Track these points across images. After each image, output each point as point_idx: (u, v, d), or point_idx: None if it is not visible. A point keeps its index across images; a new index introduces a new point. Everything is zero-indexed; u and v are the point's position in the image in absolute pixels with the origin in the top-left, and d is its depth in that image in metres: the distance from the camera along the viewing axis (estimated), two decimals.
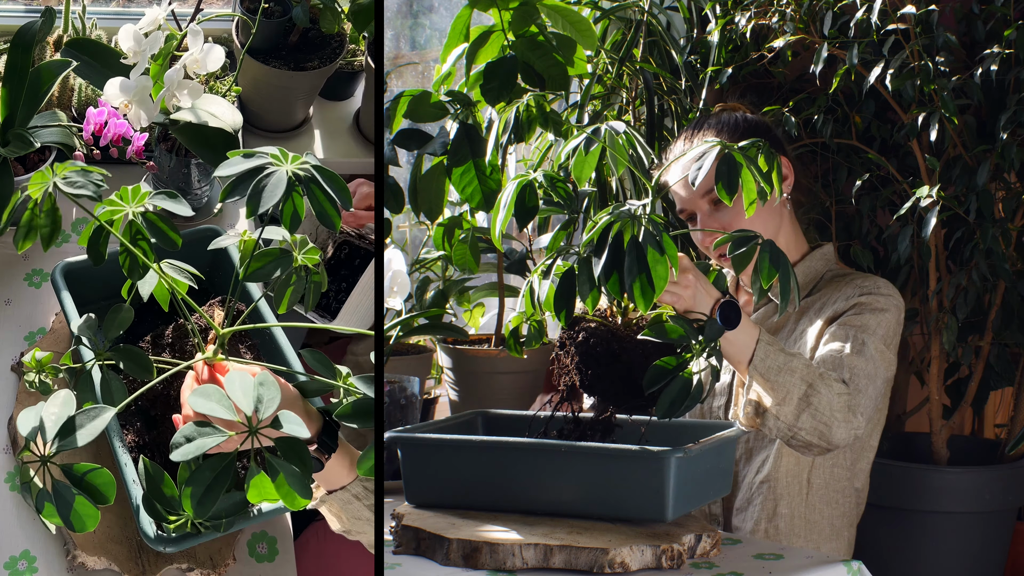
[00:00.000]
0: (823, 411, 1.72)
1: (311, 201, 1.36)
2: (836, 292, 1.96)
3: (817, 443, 1.74)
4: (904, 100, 2.34)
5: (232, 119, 1.78)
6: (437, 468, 1.69)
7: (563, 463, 1.61)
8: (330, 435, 1.50)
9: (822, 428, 1.72)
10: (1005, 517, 2.56)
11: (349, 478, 1.55)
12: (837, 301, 1.94)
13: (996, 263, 2.34)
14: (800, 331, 1.97)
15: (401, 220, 3.05)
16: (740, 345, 1.71)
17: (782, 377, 1.71)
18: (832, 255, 2.07)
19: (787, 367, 1.71)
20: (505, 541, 1.53)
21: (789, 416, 1.71)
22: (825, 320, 1.93)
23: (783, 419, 1.71)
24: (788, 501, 1.96)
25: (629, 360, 1.62)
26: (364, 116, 2.45)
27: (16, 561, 1.66)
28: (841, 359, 1.81)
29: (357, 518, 1.58)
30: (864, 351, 1.83)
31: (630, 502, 1.58)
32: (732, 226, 1.92)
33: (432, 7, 3.51)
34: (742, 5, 2.51)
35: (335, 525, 1.61)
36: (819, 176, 2.57)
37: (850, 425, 1.74)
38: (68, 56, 1.91)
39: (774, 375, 1.71)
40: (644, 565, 1.53)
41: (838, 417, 1.73)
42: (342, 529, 1.61)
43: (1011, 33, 2.33)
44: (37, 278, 2.01)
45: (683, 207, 2.00)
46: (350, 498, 1.57)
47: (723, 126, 2.00)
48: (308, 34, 2.28)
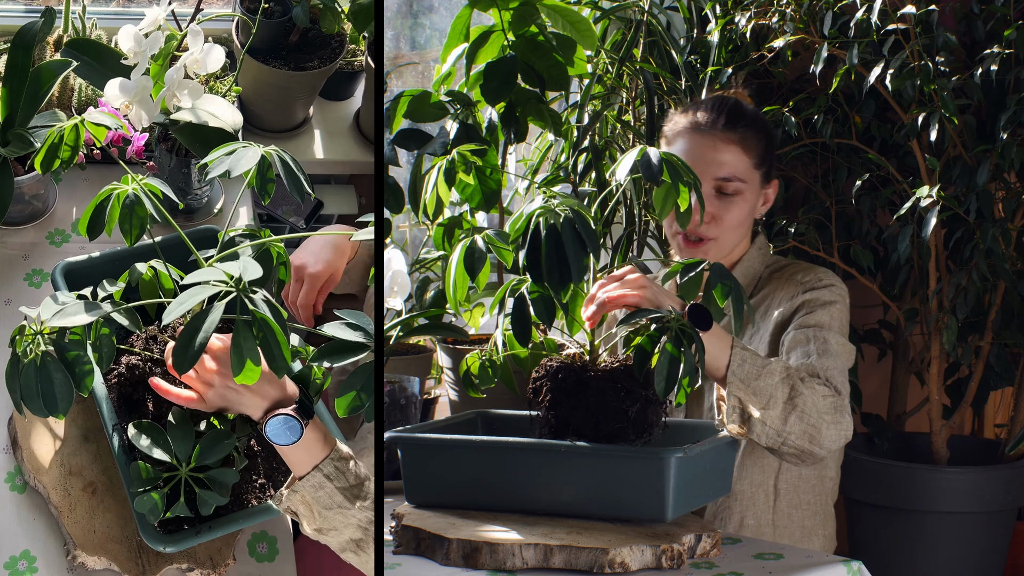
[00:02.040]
0: (810, 413, 1.71)
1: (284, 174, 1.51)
2: (778, 291, 1.96)
3: (808, 448, 1.72)
4: (904, 100, 2.34)
5: (232, 119, 1.78)
6: (437, 468, 1.69)
7: (563, 463, 1.61)
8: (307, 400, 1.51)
9: (811, 431, 1.71)
10: (1005, 517, 2.56)
11: (323, 451, 1.54)
12: (781, 303, 1.93)
13: (996, 263, 2.34)
14: (747, 338, 1.96)
15: (401, 220, 3.05)
16: (715, 352, 1.68)
17: (762, 382, 1.69)
18: (766, 246, 2.06)
19: (766, 370, 1.69)
20: (505, 541, 1.53)
21: (776, 421, 1.69)
22: (774, 325, 1.92)
23: (771, 424, 1.70)
24: (755, 512, 1.94)
25: (600, 388, 1.60)
26: (364, 116, 2.45)
27: (16, 561, 1.66)
28: (812, 364, 1.80)
29: (328, 507, 1.54)
30: (829, 349, 1.83)
31: (630, 502, 1.58)
32: (720, 215, 1.94)
33: (432, 7, 3.51)
34: (742, 5, 2.51)
35: (306, 525, 1.57)
36: (819, 176, 2.57)
37: (839, 427, 1.73)
38: (68, 56, 1.91)
39: (754, 380, 1.69)
40: (644, 565, 1.53)
41: (826, 419, 1.72)
42: (314, 528, 1.57)
43: (1011, 33, 2.33)
44: (37, 278, 2.01)
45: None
46: (321, 480, 1.54)
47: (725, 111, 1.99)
48: (308, 34, 2.28)
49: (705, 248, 1.96)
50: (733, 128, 1.96)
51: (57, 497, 1.70)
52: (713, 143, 1.96)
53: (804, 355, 1.82)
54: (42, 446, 1.74)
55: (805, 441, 1.71)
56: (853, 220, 2.54)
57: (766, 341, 1.93)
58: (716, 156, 1.95)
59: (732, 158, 1.95)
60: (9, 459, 1.76)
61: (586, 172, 2.60)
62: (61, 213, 2.13)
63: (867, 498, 2.54)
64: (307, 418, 1.52)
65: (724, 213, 1.95)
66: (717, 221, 1.95)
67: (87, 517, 1.69)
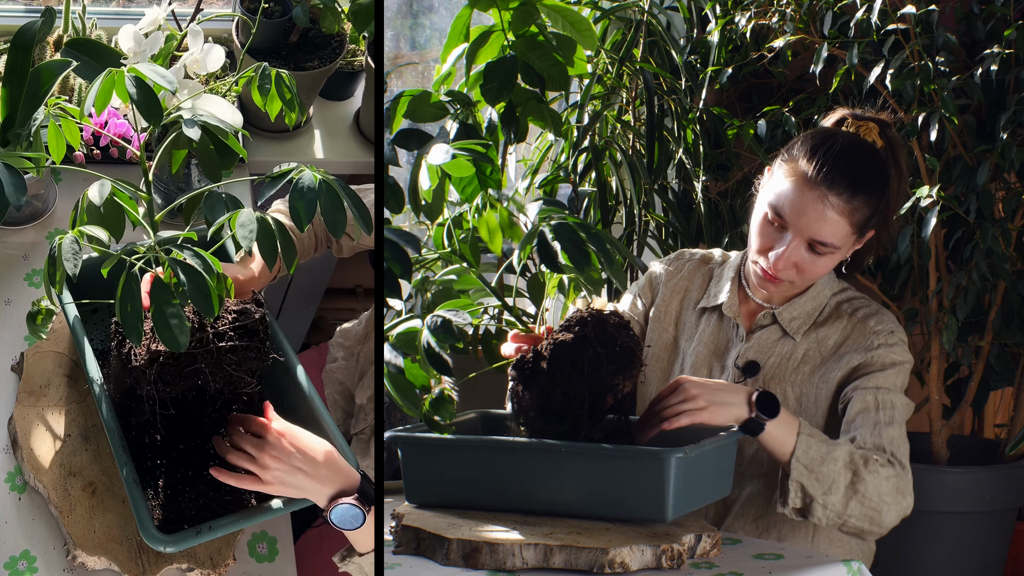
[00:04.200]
0: (871, 497, 1.72)
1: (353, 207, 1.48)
2: (849, 335, 1.91)
3: (868, 528, 1.74)
4: (904, 100, 2.34)
5: (232, 119, 1.78)
6: (437, 468, 1.69)
7: (563, 463, 1.61)
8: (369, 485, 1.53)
9: (872, 514, 1.73)
10: (1005, 517, 2.56)
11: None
12: (852, 351, 1.89)
13: (996, 263, 2.34)
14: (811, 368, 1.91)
15: (401, 220, 3.05)
16: (781, 437, 1.71)
17: (826, 468, 1.71)
18: (832, 273, 1.97)
19: (830, 456, 1.71)
20: (505, 541, 1.52)
21: (838, 505, 1.71)
22: (843, 372, 1.88)
23: (831, 508, 1.72)
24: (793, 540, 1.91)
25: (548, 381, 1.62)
26: (364, 116, 2.45)
27: (16, 561, 1.66)
28: (878, 438, 1.78)
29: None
30: (895, 417, 1.81)
31: (630, 502, 1.58)
32: (804, 268, 1.85)
33: (432, 7, 3.52)
34: (742, 5, 2.51)
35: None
36: None
37: (899, 507, 1.75)
38: (68, 56, 1.90)
39: (817, 466, 1.71)
40: (644, 565, 1.53)
41: (887, 500, 1.73)
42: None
43: (1011, 33, 2.33)
44: (37, 278, 2.01)
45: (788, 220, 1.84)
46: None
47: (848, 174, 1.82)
48: (308, 34, 2.28)
49: (781, 287, 1.90)
50: (851, 198, 1.81)
51: (57, 497, 1.70)
52: (823, 208, 1.80)
53: (872, 423, 1.80)
54: (42, 446, 1.74)
55: (865, 523, 1.74)
56: None
57: (833, 388, 1.89)
58: (821, 221, 1.81)
59: (836, 226, 1.82)
60: (9, 459, 1.76)
61: (586, 172, 2.60)
62: (61, 213, 2.12)
63: None
64: (369, 505, 1.56)
65: (809, 267, 1.86)
66: (799, 271, 1.86)
67: (87, 517, 1.69)
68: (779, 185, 1.85)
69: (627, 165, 2.54)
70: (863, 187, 1.82)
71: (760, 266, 1.88)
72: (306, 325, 2.97)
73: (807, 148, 1.84)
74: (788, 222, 1.83)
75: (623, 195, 2.58)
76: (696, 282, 2.05)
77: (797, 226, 1.83)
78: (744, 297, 2.00)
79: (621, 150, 2.55)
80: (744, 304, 2.00)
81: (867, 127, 1.89)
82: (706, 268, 2.07)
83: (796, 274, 1.87)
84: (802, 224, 1.82)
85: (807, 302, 1.94)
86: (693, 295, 2.05)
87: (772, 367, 1.92)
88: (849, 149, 1.84)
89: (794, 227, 1.83)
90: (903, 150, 1.93)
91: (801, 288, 1.93)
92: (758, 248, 1.88)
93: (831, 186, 1.80)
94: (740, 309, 1.99)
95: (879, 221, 1.88)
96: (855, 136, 1.87)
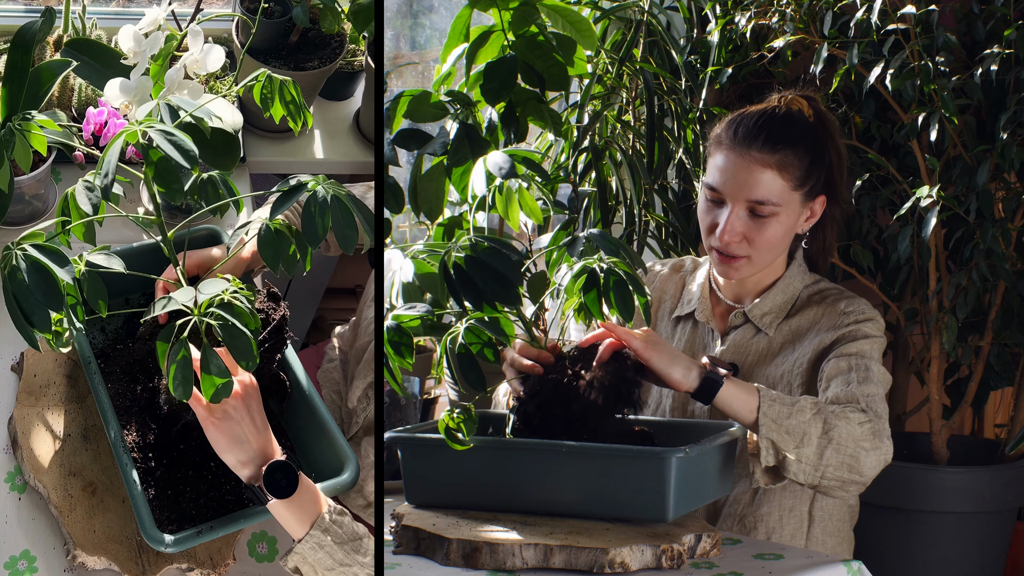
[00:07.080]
0: (846, 443, 1.69)
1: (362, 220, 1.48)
2: (820, 318, 1.92)
3: (849, 477, 1.70)
4: (904, 100, 2.34)
5: (232, 119, 1.78)
6: (437, 468, 1.69)
7: (563, 463, 1.61)
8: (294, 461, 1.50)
9: (850, 461, 1.70)
10: (1005, 517, 2.56)
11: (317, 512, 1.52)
12: (823, 331, 1.90)
13: (996, 263, 2.34)
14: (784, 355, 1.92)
15: (401, 220, 3.05)
16: (743, 397, 1.69)
17: (793, 420, 1.68)
18: (803, 266, 1.99)
19: (796, 407, 1.69)
20: (505, 541, 1.53)
21: (812, 456, 1.68)
22: (814, 351, 1.89)
23: (806, 461, 1.68)
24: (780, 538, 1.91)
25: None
26: (364, 116, 2.45)
27: (16, 561, 1.66)
28: (852, 391, 1.78)
29: (330, 569, 1.52)
30: (870, 376, 1.80)
31: (630, 502, 1.58)
32: (753, 235, 1.87)
33: (432, 7, 3.52)
34: (742, 5, 2.51)
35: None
36: None
37: (879, 451, 1.71)
38: (68, 56, 1.90)
39: (785, 419, 1.68)
40: (644, 565, 1.53)
41: (864, 446, 1.70)
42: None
43: (1011, 33, 2.33)
44: None
45: (721, 190, 1.88)
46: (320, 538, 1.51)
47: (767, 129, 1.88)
48: (308, 34, 2.28)
49: (738, 265, 1.90)
50: (773, 150, 1.85)
51: (57, 497, 1.70)
52: (748, 165, 1.85)
53: (845, 383, 1.79)
54: (42, 446, 1.74)
55: (844, 471, 1.70)
56: (853, 220, 2.54)
57: (805, 367, 1.89)
58: (749, 178, 1.85)
59: (767, 181, 1.85)
60: (9, 459, 1.76)
61: (586, 172, 2.60)
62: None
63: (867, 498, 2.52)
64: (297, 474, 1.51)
65: (756, 234, 1.86)
66: (749, 241, 1.87)
67: (87, 517, 1.69)
68: (709, 165, 1.90)
69: (627, 165, 2.54)
70: (784, 139, 1.86)
71: (715, 250, 1.91)
72: (306, 325, 2.97)
73: (726, 122, 1.91)
74: (723, 192, 1.87)
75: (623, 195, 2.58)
76: (669, 291, 2.07)
77: (731, 192, 1.87)
78: (716, 300, 2.02)
79: (621, 150, 2.55)
80: (716, 307, 2.01)
81: (796, 101, 1.93)
82: (678, 276, 2.09)
83: (748, 246, 1.88)
84: (734, 188, 1.86)
85: (777, 296, 1.96)
86: (667, 304, 2.06)
87: (750, 365, 1.94)
88: (769, 111, 1.90)
89: (729, 195, 1.87)
90: (835, 122, 1.97)
91: (761, 266, 1.93)
92: (706, 228, 1.91)
93: (751, 143, 1.85)
94: (713, 312, 2.00)
95: (825, 187, 1.91)
96: (776, 106, 1.92)
